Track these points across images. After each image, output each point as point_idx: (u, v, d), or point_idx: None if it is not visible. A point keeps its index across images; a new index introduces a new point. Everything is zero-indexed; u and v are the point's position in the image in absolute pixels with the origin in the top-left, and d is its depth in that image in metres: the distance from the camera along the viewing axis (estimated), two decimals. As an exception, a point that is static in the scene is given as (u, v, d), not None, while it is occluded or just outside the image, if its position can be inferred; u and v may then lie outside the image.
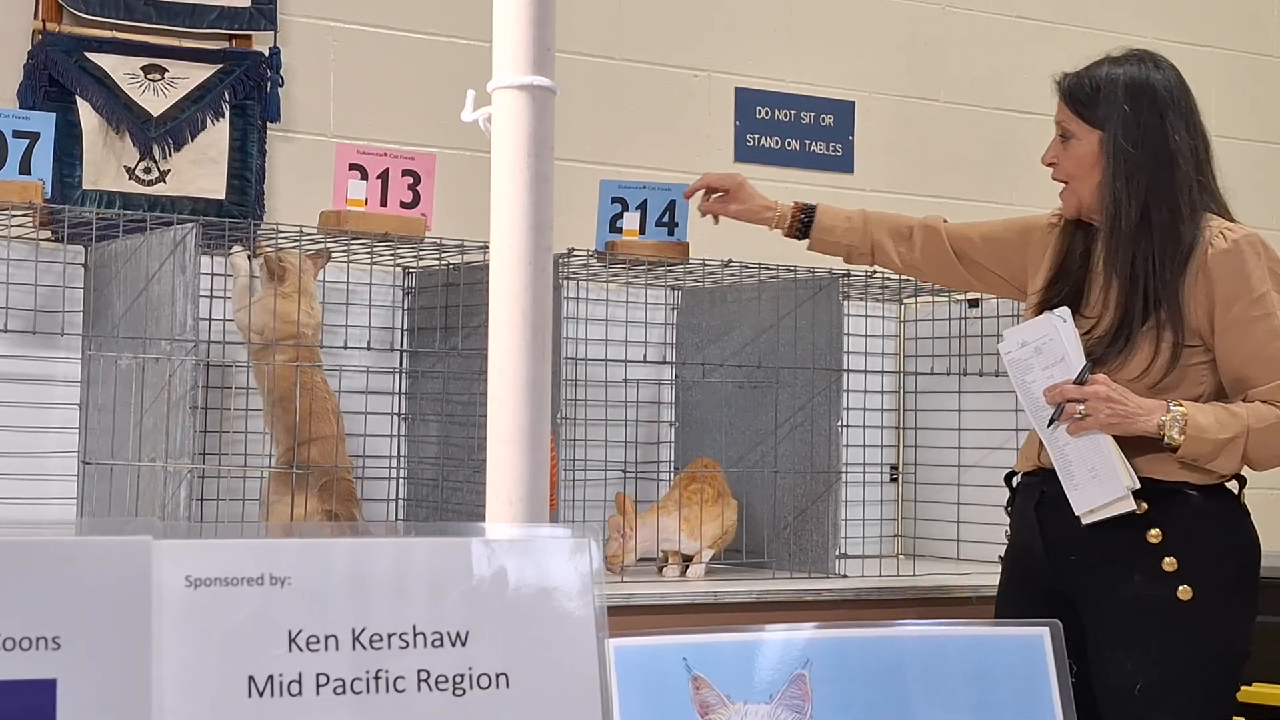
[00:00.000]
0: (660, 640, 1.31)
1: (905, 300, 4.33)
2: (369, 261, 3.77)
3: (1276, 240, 3.02)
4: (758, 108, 4.52)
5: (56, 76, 3.68)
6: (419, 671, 1.17)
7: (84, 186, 3.69)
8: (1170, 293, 2.86)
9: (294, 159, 3.96)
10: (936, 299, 4.23)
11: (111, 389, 3.32)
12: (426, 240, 3.54)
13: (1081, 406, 2.83)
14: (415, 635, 1.18)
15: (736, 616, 3.36)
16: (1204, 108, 3.00)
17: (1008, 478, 3.17)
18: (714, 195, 3.45)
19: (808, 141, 4.58)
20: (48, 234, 3.51)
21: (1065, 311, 2.92)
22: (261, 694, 1.13)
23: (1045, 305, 3.00)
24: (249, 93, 3.89)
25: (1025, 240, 3.19)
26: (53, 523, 3.48)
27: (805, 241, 3.40)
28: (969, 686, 1.32)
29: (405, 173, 3.53)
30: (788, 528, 3.80)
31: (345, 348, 3.81)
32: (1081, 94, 2.97)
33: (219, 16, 3.86)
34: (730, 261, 3.76)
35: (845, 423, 3.66)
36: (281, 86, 3.93)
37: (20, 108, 3.58)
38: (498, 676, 1.19)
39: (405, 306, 3.92)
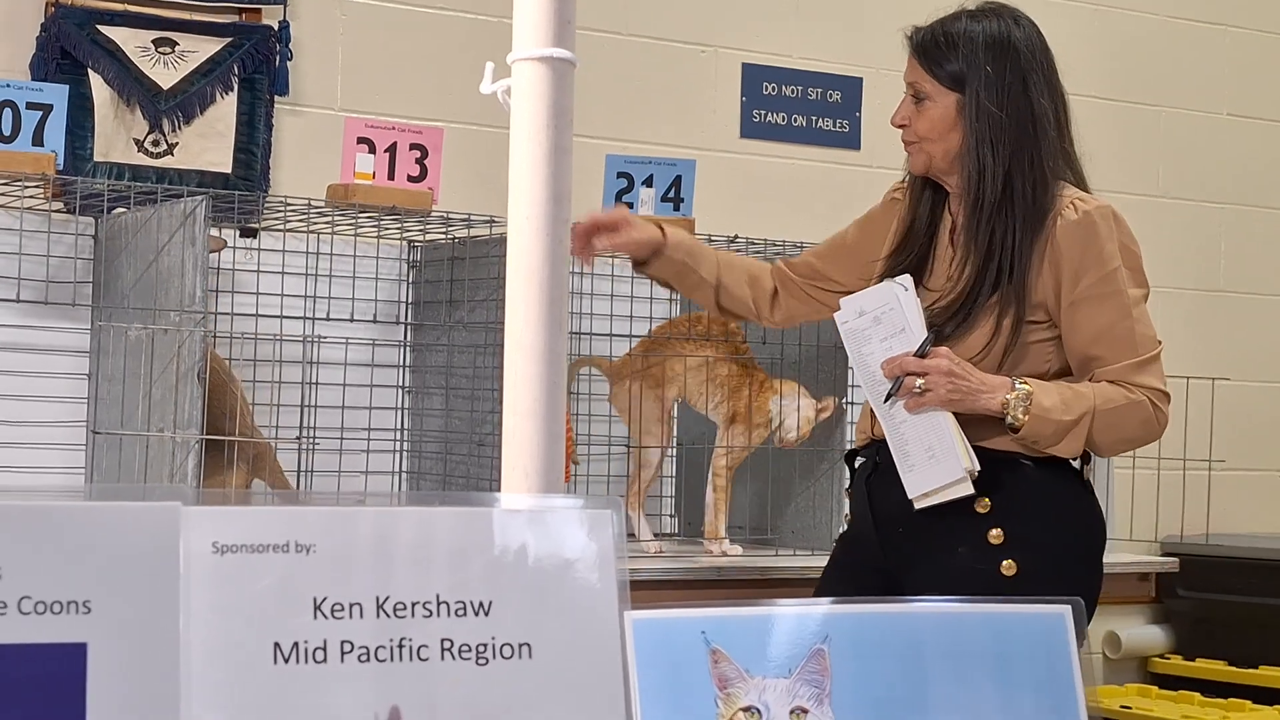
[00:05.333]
0: (679, 614, 1.32)
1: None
2: (375, 235, 3.78)
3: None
4: (764, 83, 4.51)
5: (68, 49, 3.68)
6: (442, 640, 1.18)
7: (95, 159, 3.69)
8: (1022, 266, 2.69)
9: (300, 132, 3.97)
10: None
11: (121, 360, 3.32)
12: (433, 214, 3.54)
13: (921, 381, 2.64)
14: (439, 604, 1.19)
15: (744, 592, 3.37)
16: (1219, 88, 2.97)
17: (848, 457, 3.01)
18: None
19: (814, 118, 4.58)
20: (59, 205, 3.52)
21: (907, 279, 2.73)
22: (287, 660, 1.14)
23: (887, 275, 2.80)
24: (258, 66, 3.89)
25: (871, 231, 2.97)
26: (68, 489, 3.49)
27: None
28: (989, 664, 1.32)
29: (413, 146, 3.54)
30: (792, 505, 3.81)
31: (351, 320, 3.82)
32: (937, 52, 2.77)
33: (229, -10, 3.86)
34: (736, 237, 3.76)
35: (851, 400, 3.67)
36: (290, 60, 3.93)
37: (33, 80, 3.58)
38: (520, 646, 1.20)
39: (410, 280, 3.93)
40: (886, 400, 2.69)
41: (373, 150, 3.48)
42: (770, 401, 3.61)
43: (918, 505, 2.69)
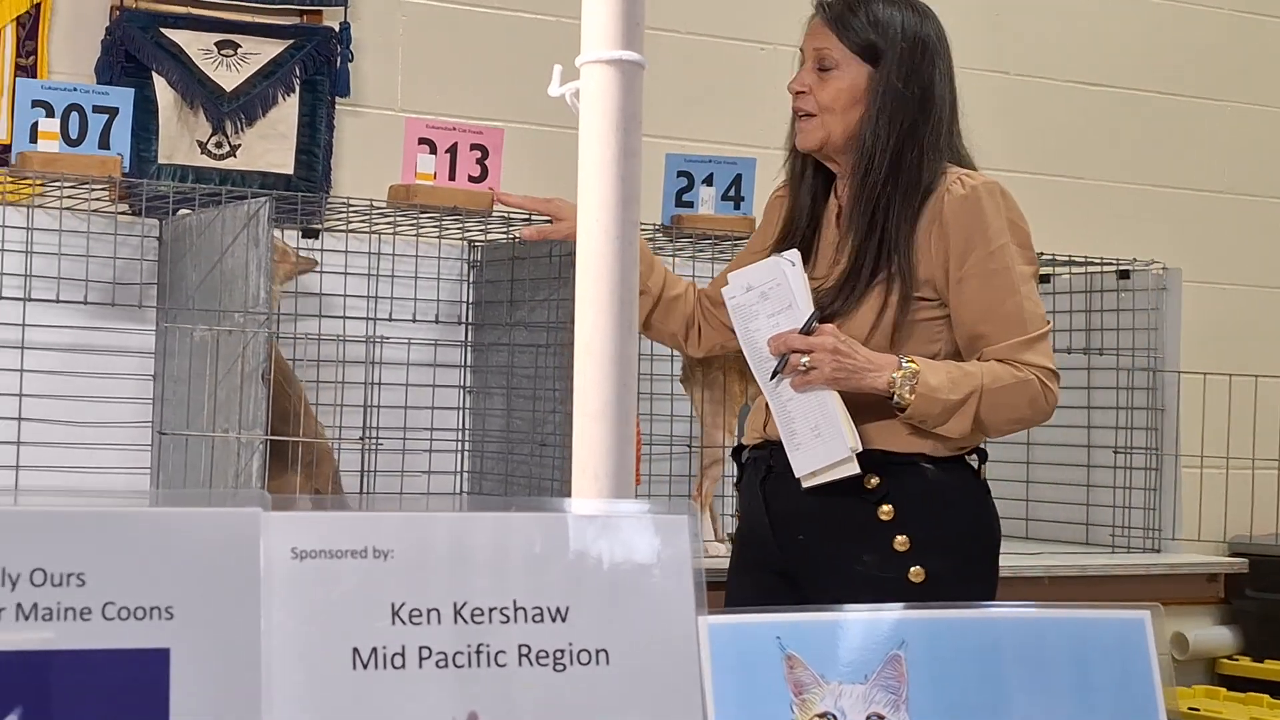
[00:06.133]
0: (754, 618, 1.31)
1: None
2: (437, 235, 3.79)
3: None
4: (825, 82, 4.49)
5: (133, 52, 3.71)
6: (520, 646, 1.18)
7: (159, 161, 3.72)
8: (906, 241, 2.64)
9: (360, 133, 3.98)
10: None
11: (186, 360, 3.34)
12: (494, 214, 3.55)
13: (806, 359, 2.59)
14: (516, 610, 1.19)
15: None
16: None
17: (735, 452, 2.93)
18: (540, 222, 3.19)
19: (875, 116, 4.54)
20: (125, 208, 3.54)
21: (794, 254, 2.67)
22: (365, 666, 1.14)
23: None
24: (319, 68, 3.91)
25: (764, 237, 2.92)
26: (144, 493, 3.52)
27: None
28: (1068, 670, 1.31)
29: (473, 147, 3.54)
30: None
31: (413, 320, 3.83)
32: (856, 21, 2.73)
33: (291, -8, 3.88)
34: (799, 237, 3.74)
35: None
36: (351, 61, 3.95)
37: (98, 83, 3.61)
38: (597, 652, 1.20)
39: (471, 280, 3.93)
40: (772, 378, 2.63)
41: (433, 151, 3.49)
42: None
43: (805, 484, 2.63)
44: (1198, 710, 4.27)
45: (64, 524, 1.07)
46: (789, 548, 2.73)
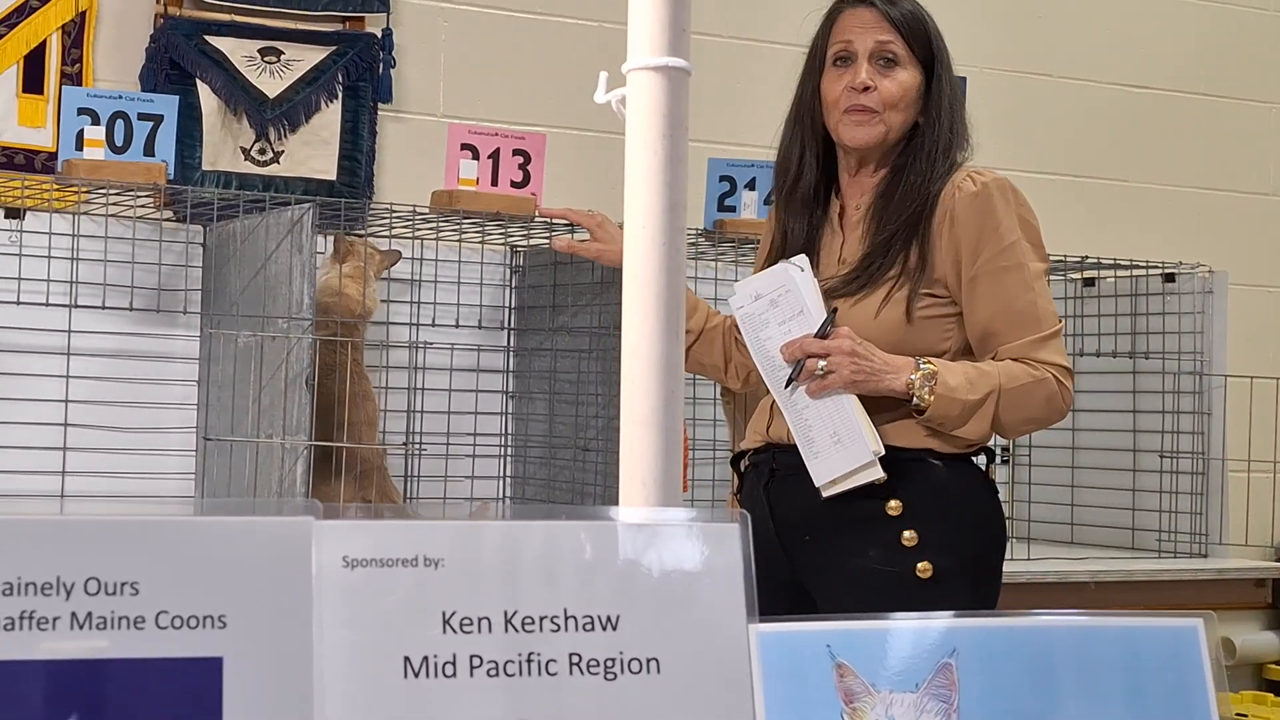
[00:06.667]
0: (804, 627, 1.31)
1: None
2: (479, 241, 3.79)
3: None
4: (867, 86, 4.48)
5: (177, 60, 3.73)
6: (570, 655, 1.18)
7: (203, 167, 3.74)
8: (921, 239, 2.59)
9: (403, 139, 3.99)
10: (1052, 278, 4.19)
11: (230, 366, 3.36)
12: (536, 219, 3.55)
13: (823, 363, 2.52)
14: (566, 618, 1.18)
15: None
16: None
17: (734, 460, 2.85)
18: (577, 235, 3.13)
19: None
20: (169, 214, 3.56)
21: (803, 260, 2.60)
22: (417, 674, 1.14)
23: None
24: (362, 74, 3.92)
25: (769, 246, 2.83)
26: (194, 500, 3.54)
27: None
28: (1120, 679, 1.30)
29: (515, 152, 3.55)
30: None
31: (456, 326, 3.84)
32: (914, 23, 2.66)
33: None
34: (842, 241, 3.73)
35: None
36: (393, 68, 3.96)
37: (143, 90, 3.63)
38: (648, 661, 1.20)
39: (514, 285, 3.94)
40: (788, 386, 2.57)
41: (476, 156, 3.50)
42: None
43: (826, 493, 2.57)
44: (1245, 716, 4.24)
45: (118, 533, 1.07)
46: (796, 552, 2.65)
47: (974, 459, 2.66)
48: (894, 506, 2.56)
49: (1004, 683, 1.29)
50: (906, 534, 2.55)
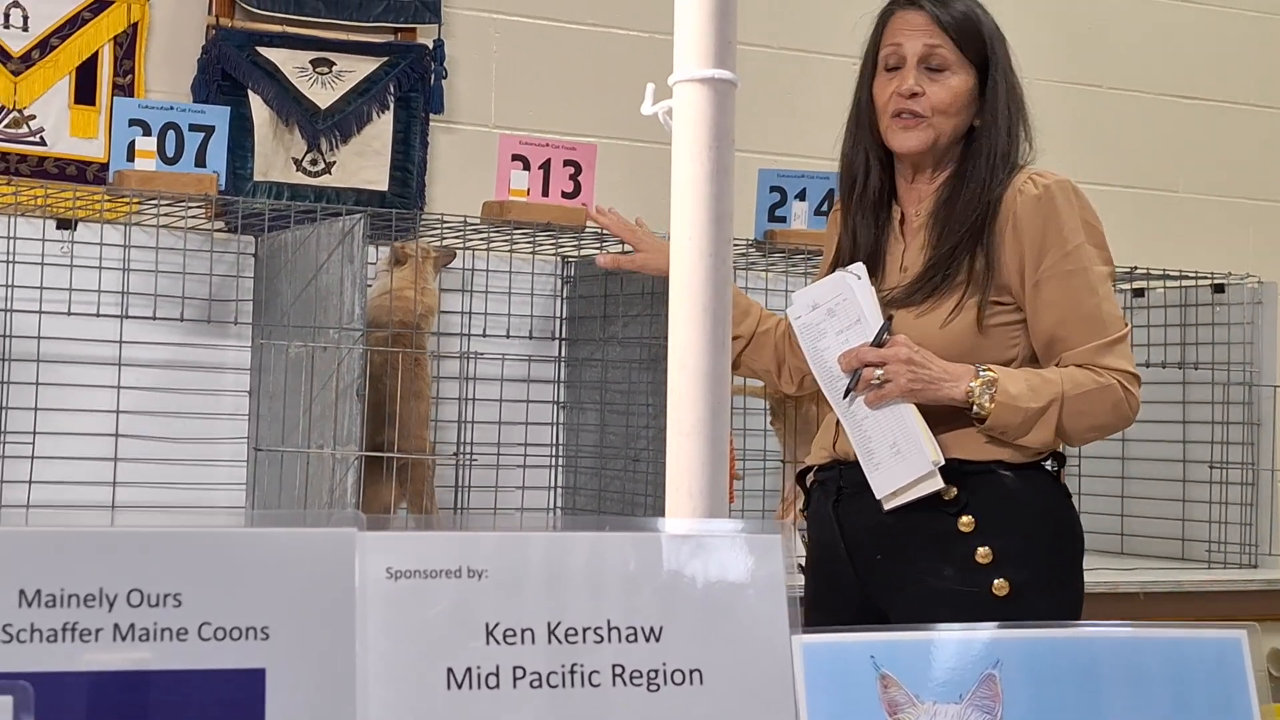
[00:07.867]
0: (848, 638, 1.31)
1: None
2: (530, 251, 3.80)
3: None
4: (916, 96, 4.47)
5: (229, 71, 3.75)
6: (614, 666, 1.18)
7: (254, 178, 3.76)
8: (986, 246, 2.54)
9: (454, 150, 4.01)
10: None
11: (281, 376, 3.38)
12: (587, 230, 3.56)
13: (880, 372, 2.48)
14: (610, 630, 1.19)
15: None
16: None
17: (799, 476, 2.80)
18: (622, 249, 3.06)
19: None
20: (220, 225, 3.59)
21: (860, 268, 2.57)
22: (460, 686, 1.14)
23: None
24: (413, 85, 3.94)
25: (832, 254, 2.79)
26: (238, 511, 3.57)
27: None
28: (1163, 690, 1.29)
29: (566, 163, 3.55)
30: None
31: (507, 336, 3.85)
32: (965, 25, 2.60)
33: (385, 10, 3.91)
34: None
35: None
36: (445, 79, 3.97)
37: (194, 101, 3.66)
38: (691, 673, 1.20)
39: (565, 296, 3.95)
40: (845, 396, 2.53)
41: (527, 167, 3.51)
42: None
43: (887, 505, 2.52)
44: (1297, 729, 4.19)
45: (160, 545, 1.08)
46: (866, 570, 2.61)
47: (1044, 464, 2.59)
48: (966, 523, 2.51)
49: (1047, 694, 1.29)
50: (981, 551, 2.50)
